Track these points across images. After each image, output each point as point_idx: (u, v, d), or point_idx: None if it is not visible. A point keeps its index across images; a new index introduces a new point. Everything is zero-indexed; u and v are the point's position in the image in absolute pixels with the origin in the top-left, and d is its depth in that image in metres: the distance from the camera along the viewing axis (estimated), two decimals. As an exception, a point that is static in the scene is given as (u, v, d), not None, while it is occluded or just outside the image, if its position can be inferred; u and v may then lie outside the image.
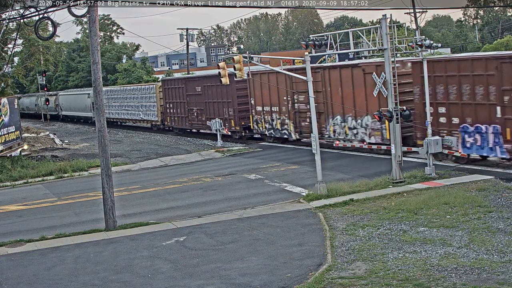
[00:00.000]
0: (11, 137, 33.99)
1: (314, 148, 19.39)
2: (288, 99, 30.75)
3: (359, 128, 26.60)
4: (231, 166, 27.02)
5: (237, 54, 23.68)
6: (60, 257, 14.72)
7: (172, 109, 42.00)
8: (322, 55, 32.80)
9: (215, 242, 14.95)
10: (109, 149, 17.62)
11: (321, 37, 22.06)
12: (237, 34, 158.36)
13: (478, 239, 13.25)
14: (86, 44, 77.33)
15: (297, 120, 30.37)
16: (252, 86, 33.22)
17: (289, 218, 16.75)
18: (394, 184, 19.57)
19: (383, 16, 20.09)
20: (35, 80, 78.38)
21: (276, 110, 31.70)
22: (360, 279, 11.45)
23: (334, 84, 27.66)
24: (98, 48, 17.01)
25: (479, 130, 21.15)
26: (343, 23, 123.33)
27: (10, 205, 22.07)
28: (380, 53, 21.51)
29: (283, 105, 31.22)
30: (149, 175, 26.79)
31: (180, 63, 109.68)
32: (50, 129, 58.39)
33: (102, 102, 17.18)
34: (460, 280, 10.95)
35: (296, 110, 30.34)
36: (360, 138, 26.67)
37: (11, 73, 45.54)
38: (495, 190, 17.64)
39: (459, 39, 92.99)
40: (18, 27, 34.11)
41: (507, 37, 66.89)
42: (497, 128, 20.48)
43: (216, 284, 11.97)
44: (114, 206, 17.11)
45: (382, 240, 13.79)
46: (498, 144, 20.60)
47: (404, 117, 20.38)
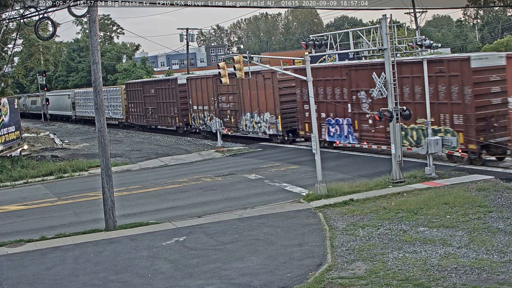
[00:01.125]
0: (11, 137, 34.00)
1: (314, 148, 19.39)
2: (214, 99, 36.76)
3: (262, 122, 33.13)
4: (231, 166, 27.03)
5: (237, 54, 23.68)
6: (60, 257, 14.72)
7: (133, 108, 48.72)
8: (322, 55, 32.85)
9: (215, 242, 14.95)
10: (109, 149, 17.62)
11: (321, 37, 22.06)
12: (237, 34, 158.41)
13: (478, 239, 13.25)
14: (86, 44, 77.37)
15: (221, 117, 36.25)
16: (190, 89, 39.65)
17: (289, 218, 16.75)
18: (394, 184, 19.57)
19: (383, 16, 20.09)
20: (35, 80, 78.42)
21: (206, 109, 38.02)
22: (360, 279, 11.45)
23: (245, 87, 33.69)
24: (98, 48, 17.02)
25: (338, 122, 27.66)
26: (343, 23, 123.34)
27: (10, 205, 22.07)
28: (380, 53, 21.52)
29: (211, 105, 37.28)
30: (149, 175, 26.80)
31: (180, 63, 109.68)
32: (50, 129, 58.41)
33: (102, 102, 17.18)
34: (460, 280, 10.96)
35: (220, 108, 36.20)
36: (263, 130, 33.27)
37: (11, 73, 45.50)
38: (495, 190, 17.64)
39: (459, 39, 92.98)
40: (18, 27, 34.15)
41: (507, 37, 66.87)
42: (349, 120, 26.86)
43: (216, 284, 11.97)
44: (114, 206, 17.12)
45: (382, 240, 13.80)
46: (350, 133, 27.12)
47: (404, 117, 20.40)
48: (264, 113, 32.62)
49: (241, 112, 34.58)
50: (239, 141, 36.13)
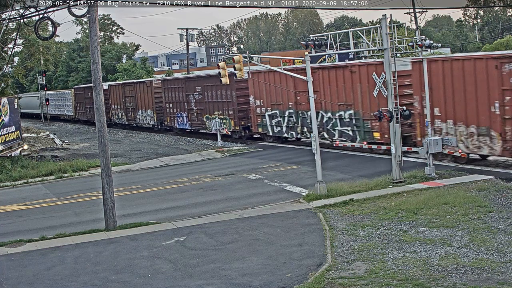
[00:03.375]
0: (11, 137, 33.98)
1: (314, 148, 19.39)
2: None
3: (147, 116, 46.03)
4: (231, 166, 27.03)
5: (237, 54, 23.68)
6: (60, 257, 14.71)
7: (79, 106, 61.07)
8: (322, 55, 32.86)
9: (215, 242, 14.95)
10: (109, 149, 17.62)
11: (321, 37, 22.04)
12: (237, 34, 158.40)
13: (478, 239, 13.25)
14: (86, 44, 77.38)
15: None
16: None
17: (289, 218, 16.75)
18: (394, 184, 19.57)
19: (383, 16, 20.08)
20: (35, 80, 78.42)
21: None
22: (360, 279, 11.45)
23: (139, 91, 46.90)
24: (98, 48, 17.01)
25: (182, 115, 40.55)
26: (343, 23, 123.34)
27: (10, 205, 22.07)
28: (380, 53, 21.51)
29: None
30: (149, 175, 26.80)
31: (180, 63, 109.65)
32: (50, 129, 58.43)
33: (102, 102, 17.16)
34: (460, 280, 10.96)
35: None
36: (147, 122, 46.34)
37: (11, 73, 45.46)
38: (495, 190, 17.64)
39: (459, 39, 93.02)
40: (18, 27, 34.12)
41: (507, 37, 66.87)
42: (186, 114, 40.05)
43: (216, 284, 11.97)
44: (114, 206, 17.11)
45: (382, 240, 13.80)
46: (187, 122, 39.92)
47: (404, 117, 20.41)
48: (147, 110, 46.57)
49: (138, 109, 47.86)
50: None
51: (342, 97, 27.39)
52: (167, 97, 42.41)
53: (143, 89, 46.34)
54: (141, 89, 46.66)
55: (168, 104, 42.36)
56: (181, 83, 40.95)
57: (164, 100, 42.72)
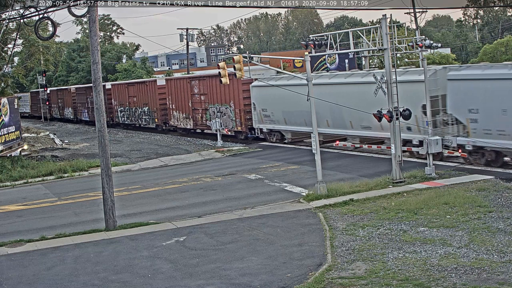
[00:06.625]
0: (11, 137, 33.98)
1: (314, 148, 19.39)
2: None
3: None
4: (231, 166, 27.02)
5: (237, 54, 23.68)
6: (60, 257, 14.72)
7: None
8: (322, 55, 32.86)
9: (215, 242, 14.95)
10: (109, 149, 17.62)
11: (321, 37, 22.05)
12: (237, 34, 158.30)
13: (478, 239, 13.25)
14: (86, 44, 77.37)
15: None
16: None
17: (289, 218, 16.75)
18: (394, 184, 19.57)
19: (383, 16, 20.08)
20: (35, 80, 78.41)
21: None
22: (360, 279, 11.45)
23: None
24: (98, 48, 17.01)
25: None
26: (343, 23, 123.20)
27: (10, 205, 22.07)
28: (380, 53, 21.53)
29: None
30: (149, 175, 26.79)
31: (180, 63, 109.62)
32: (50, 129, 58.40)
33: (102, 102, 17.17)
34: (460, 280, 10.96)
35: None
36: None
37: (11, 73, 45.47)
38: (495, 190, 17.64)
39: (459, 39, 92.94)
40: (18, 27, 34.12)
41: (507, 37, 66.82)
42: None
43: (216, 284, 11.97)
44: (114, 206, 17.11)
45: (382, 240, 13.80)
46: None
47: (404, 117, 20.40)
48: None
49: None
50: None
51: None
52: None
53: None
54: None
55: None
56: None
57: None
